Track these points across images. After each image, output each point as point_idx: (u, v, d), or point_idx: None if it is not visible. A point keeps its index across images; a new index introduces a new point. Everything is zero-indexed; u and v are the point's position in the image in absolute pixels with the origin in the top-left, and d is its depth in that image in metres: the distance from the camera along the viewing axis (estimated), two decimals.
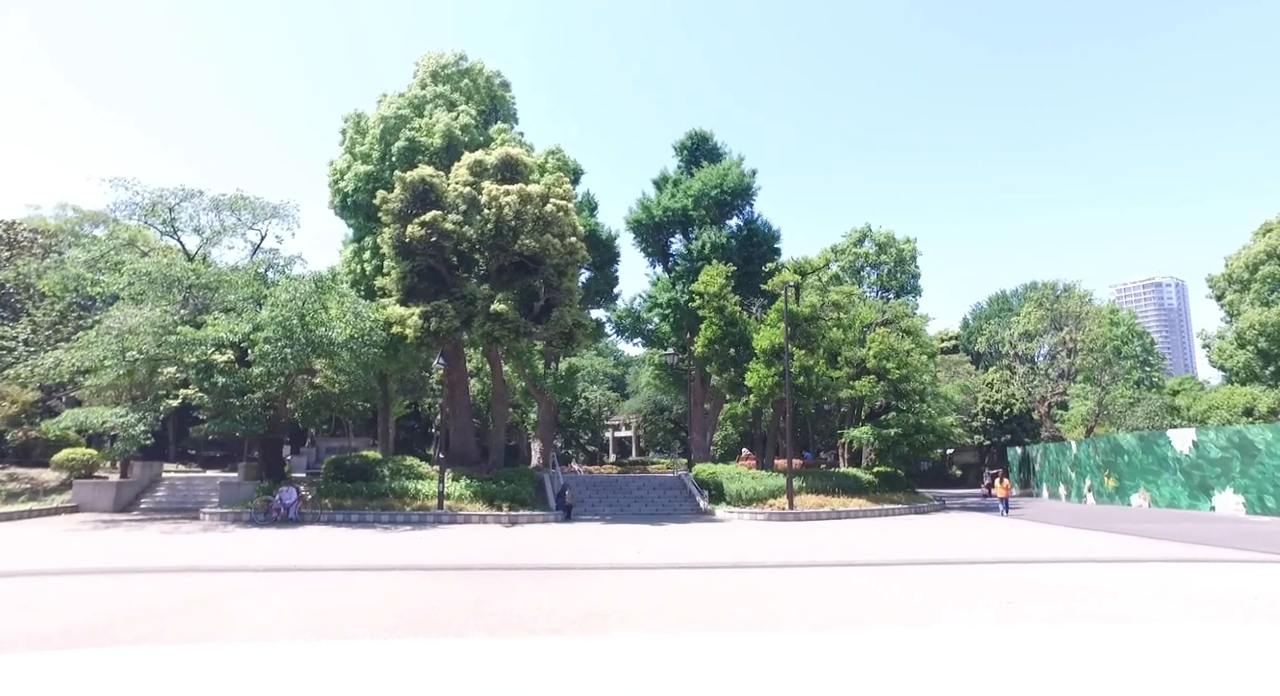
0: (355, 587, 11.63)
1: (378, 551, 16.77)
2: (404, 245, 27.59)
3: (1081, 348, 50.37)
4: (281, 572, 13.11)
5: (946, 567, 14.10)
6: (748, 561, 15.17)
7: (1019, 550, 17.02)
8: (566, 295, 27.67)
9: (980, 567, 14.04)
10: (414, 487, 27.13)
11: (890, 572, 13.39)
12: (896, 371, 34.19)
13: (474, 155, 28.07)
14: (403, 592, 11.14)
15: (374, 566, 14.03)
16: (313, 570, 13.47)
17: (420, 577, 12.78)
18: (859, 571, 13.60)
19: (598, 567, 14.13)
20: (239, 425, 23.10)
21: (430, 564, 14.50)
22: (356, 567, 13.86)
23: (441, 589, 11.48)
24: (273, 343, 22.11)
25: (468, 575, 13.04)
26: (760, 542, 19.19)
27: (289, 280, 24.54)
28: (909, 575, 13.06)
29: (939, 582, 12.16)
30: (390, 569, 13.72)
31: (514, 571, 13.63)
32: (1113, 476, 35.68)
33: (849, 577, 12.79)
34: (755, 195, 43.68)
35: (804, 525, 24.76)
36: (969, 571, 13.50)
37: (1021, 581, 12.14)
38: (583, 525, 24.37)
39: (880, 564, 14.75)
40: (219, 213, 28.14)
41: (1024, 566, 14.21)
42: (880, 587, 11.59)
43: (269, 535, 20.03)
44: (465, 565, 14.35)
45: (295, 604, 10.22)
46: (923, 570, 13.76)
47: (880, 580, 12.38)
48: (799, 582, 12.23)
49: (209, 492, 29.00)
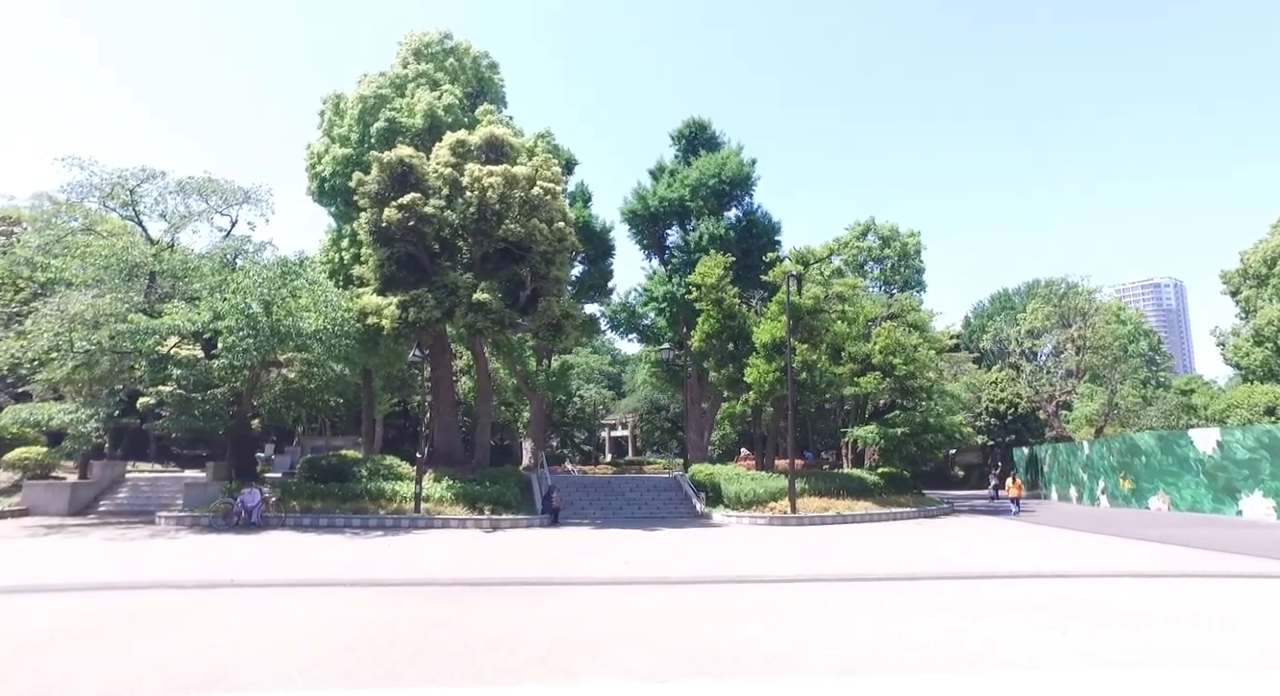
0: (287, 610, 9.90)
1: (335, 561, 15.04)
2: (381, 230, 25.85)
3: (1091, 345, 48.83)
4: (209, 590, 11.38)
5: (976, 583, 12.40)
6: (750, 574, 13.47)
7: (1048, 560, 15.33)
8: (554, 284, 25.93)
9: (1013, 583, 12.35)
10: (391, 489, 25.39)
11: (915, 590, 11.69)
12: (903, 367, 32.55)
13: (456, 135, 26.32)
14: (341, 616, 9.42)
15: (322, 581, 12.30)
16: (249, 586, 11.74)
17: (371, 596, 11.07)
18: (879, 588, 11.89)
19: (579, 582, 12.42)
20: (198, 422, 21.33)
21: (388, 578, 12.78)
22: (301, 583, 12.13)
23: (391, 610, 9.77)
24: (234, 332, 20.36)
25: (427, 592, 11.33)
26: (762, 551, 17.48)
27: (252, 264, 22.74)
28: (938, 592, 11.36)
29: (974, 602, 10.47)
30: (339, 584, 12.00)
31: (482, 588, 11.92)
32: (1129, 478, 34.03)
33: (871, 596, 11.08)
34: (755, 185, 42.10)
35: (808, 530, 23.07)
36: (1002, 588, 11.81)
37: (1066, 601, 10.45)
38: (570, 530, 22.67)
39: (901, 577, 13.04)
40: (185, 197, 26.32)
41: (1062, 582, 12.52)
42: (910, 609, 9.88)
43: (222, 542, 18.29)
44: (428, 579, 12.63)
45: (199, 635, 8.49)
46: (951, 586, 12.05)
47: (907, 599, 10.68)
48: (812, 602, 10.52)
49: (175, 494, 27.21)
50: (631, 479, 33.79)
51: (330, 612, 9.71)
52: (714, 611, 9.89)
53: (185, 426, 22.24)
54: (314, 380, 24.59)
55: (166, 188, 26.68)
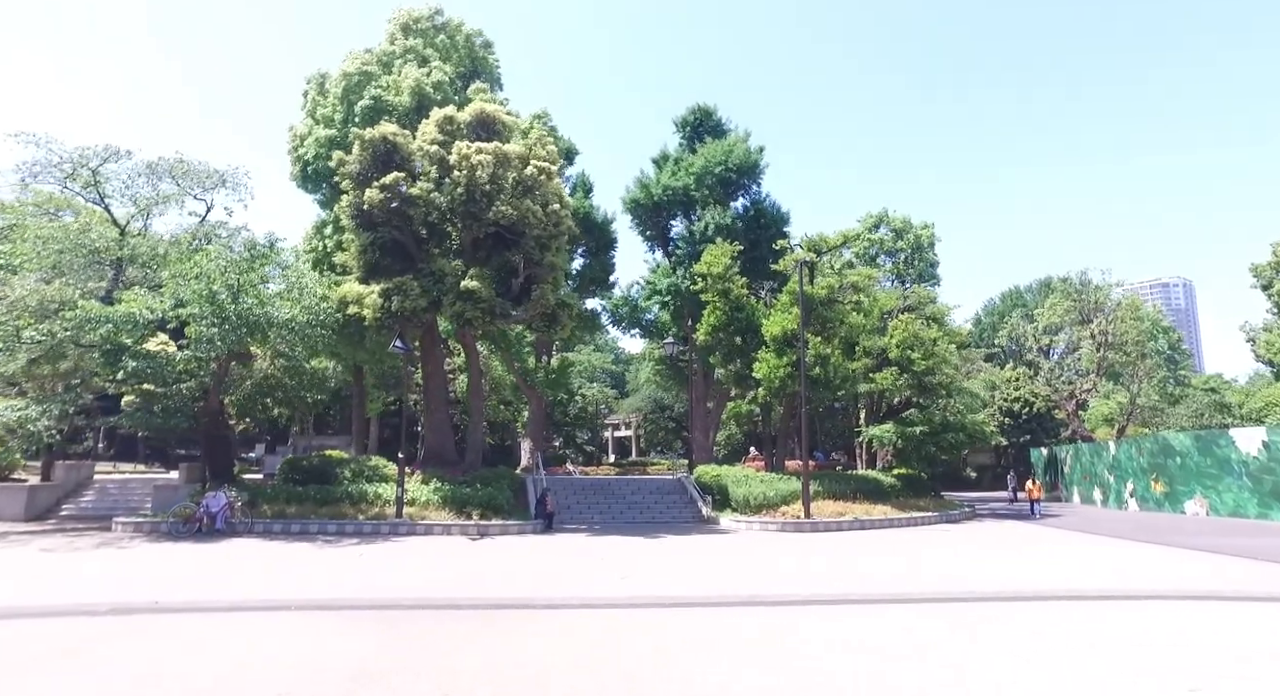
0: (199, 645, 8.04)
1: (291, 576, 13.21)
2: (363, 213, 24.04)
3: (1112, 341, 46.79)
4: (122, 617, 9.54)
5: (1034, 606, 10.49)
6: (765, 594, 11.58)
7: (1112, 577, 13.40)
8: (549, 271, 24.08)
9: (1078, 607, 10.43)
10: (374, 492, 23.59)
11: (964, 614, 9.77)
12: (922, 362, 30.57)
13: (444, 111, 24.49)
14: (257, 657, 7.54)
15: (263, 603, 10.46)
16: (172, 612, 9.90)
17: (316, 622, 9.23)
18: (920, 612, 9.99)
19: (563, 604, 10.56)
20: (157, 419, 19.54)
21: (342, 598, 10.94)
22: (237, 605, 10.29)
23: (330, 643, 7.94)
24: (198, 321, 18.57)
25: (382, 618, 9.49)
26: (776, 562, 15.59)
27: (218, 246, 20.91)
28: (993, 619, 9.45)
29: (1047, 635, 8.55)
30: (281, 607, 10.16)
31: (448, 612, 10.06)
32: (1161, 480, 32.00)
33: (914, 626, 9.17)
34: (763, 173, 40.16)
35: (824, 538, 21.17)
36: (1069, 613, 9.88)
37: (1182, 638, 8.56)
38: (565, 537, 20.81)
39: (943, 598, 11.11)
40: (156, 179, 24.59)
41: (1139, 605, 10.59)
42: (970, 645, 7.98)
43: (175, 553, 16.48)
44: (388, 600, 10.78)
45: (75, 684, 6.67)
46: (1006, 610, 10.13)
47: (958, 630, 8.77)
48: (844, 636, 8.62)
49: (145, 497, 25.44)
50: (633, 481, 31.96)
51: (246, 651, 7.86)
52: (723, 647, 8.01)
53: (144, 424, 20.47)
54: (290, 374, 22.78)
55: (136, 170, 24.93)
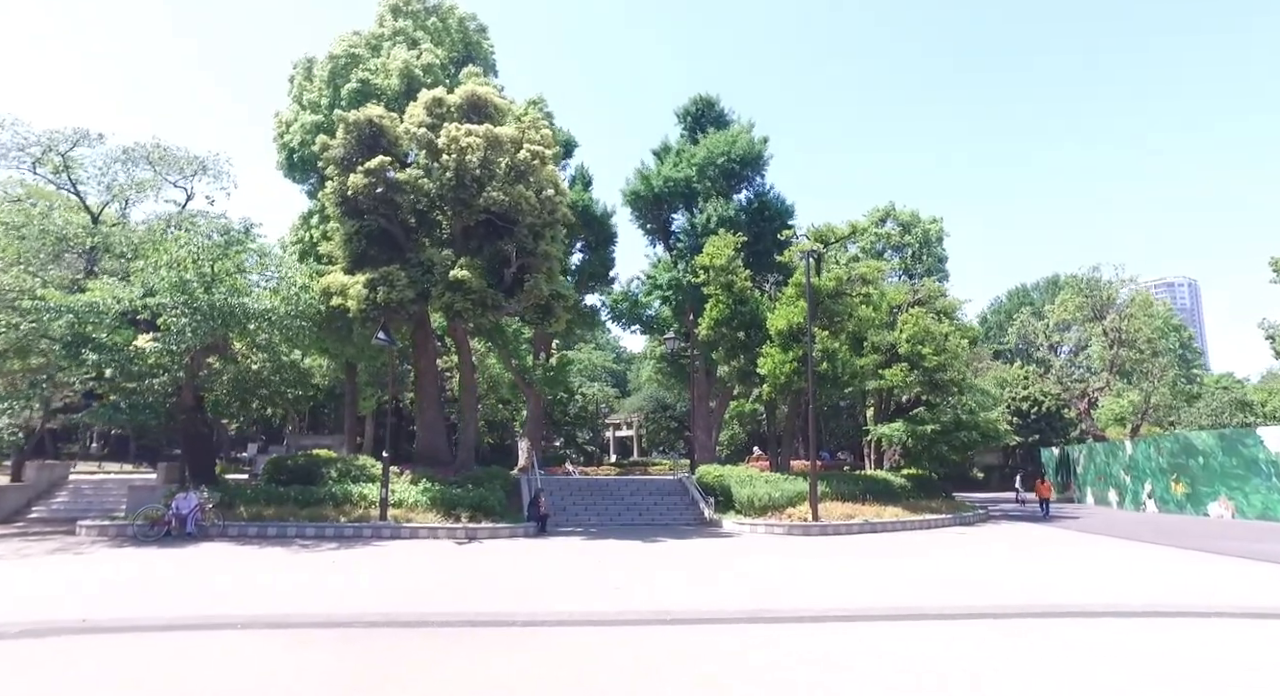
0: (116, 673, 6.86)
1: (252, 587, 12.02)
2: (348, 200, 22.87)
3: (1126, 338, 45.54)
4: (37, 639, 8.35)
5: (1083, 624, 9.24)
6: (773, 608, 10.36)
7: (1153, 587, 12.17)
8: (543, 260, 22.87)
9: (1132, 625, 9.21)
10: (359, 493, 22.41)
11: (1006, 632, 8.50)
12: (933, 358, 29.34)
13: (433, 92, 23.29)
14: (187, 689, 6.38)
15: (209, 621, 9.26)
16: (100, 632, 8.71)
17: (261, 644, 8.05)
18: (955, 630, 8.73)
19: (546, 622, 9.35)
20: (122, 415, 18.38)
21: (301, 614, 9.74)
22: (175, 624, 9.08)
23: (270, 669, 6.76)
24: (167, 311, 17.41)
25: (338, 638, 8.31)
26: (784, 569, 14.37)
27: (189, 231, 19.72)
28: (1043, 639, 8.22)
29: (1112, 661, 7.33)
30: (229, 625, 8.97)
31: (414, 629, 8.87)
32: (1182, 481, 30.73)
33: (950, 647, 7.94)
34: (767, 165, 38.94)
35: (833, 541, 19.93)
36: (1124, 632, 8.66)
37: (1235, 659, 7.34)
38: (559, 541, 19.60)
39: (978, 613, 9.84)
40: (132, 165, 23.44)
41: (1202, 623, 9.37)
42: (1027, 674, 6.76)
43: (135, 559, 15.30)
44: (350, 616, 9.57)
45: None
46: (1054, 629, 8.88)
47: (1003, 653, 7.53)
48: (869, 661, 7.40)
49: (121, 498, 24.30)
50: (633, 481, 30.76)
51: (164, 684, 6.68)
52: (728, 679, 6.81)
53: (109, 420, 19.32)
54: (274, 370, 21.61)
55: (111, 156, 23.76)
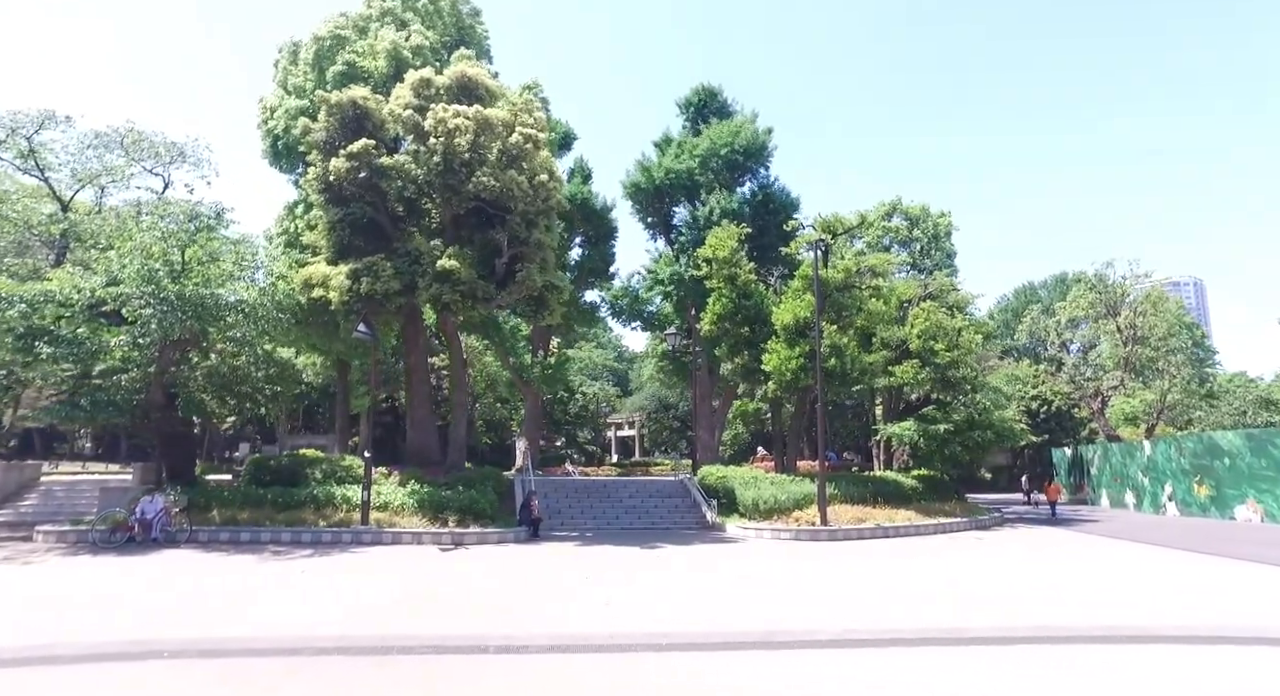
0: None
1: (202, 603, 10.81)
2: (331, 187, 21.69)
3: (1141, 335, 44.19)
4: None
5: (1155, 651, 7.99)
6: (787, 630, 9.12)
7: (1217, 607, 10.91)
8: (536, 250, 21.65)
9: (1215, 653, 7.96)
10: (342, 495, 21.24)
11: (1080, 668, 7.27)
12: (945, 354, 28.06)
13: (421, 73, 22.09)
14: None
15: (135, 649, 8.02)
16: (8, 665, 7.52)
17: (185, 678, 6.84)
18: (1012, 659, 7.48)
19: (523, 647, 8.10)
20: (81, 413, 17.20)
21: (242, 637, 8.52)
22: (97, 653, 7.85)
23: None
24: (130, 301, 16.24)
25: (281, 669, 7.10)
26: (795, 580, 13.13)
27: (155, 215, 18.52)
28: (1123, 675, 6.98)
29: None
30: (155, 653, 7.74)
31: (369, 658, 7.64)
32: (1206, 483, 29.43)
33: (1014, 685, 6.69)
34: (771, 156, 37.73)
35: (845, 548, 18.67)
36: (1215, 662, 7.42)
37: None
38: (550, 547, 18.38)
39: (1031, 636, 8.52)
40: (105, 151, 22.28)
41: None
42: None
43: (87, 570, 14.10)
44: (299, 639, 8.34)
45: None
46: (1126, 658, 7.63)
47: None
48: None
49: (95, 501, 23.14)
50: (633, 482, 29.54)
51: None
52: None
53: (66, 418, 18.16)
54: (249, 365, 20.41)
55: (84, 141, 22.59)
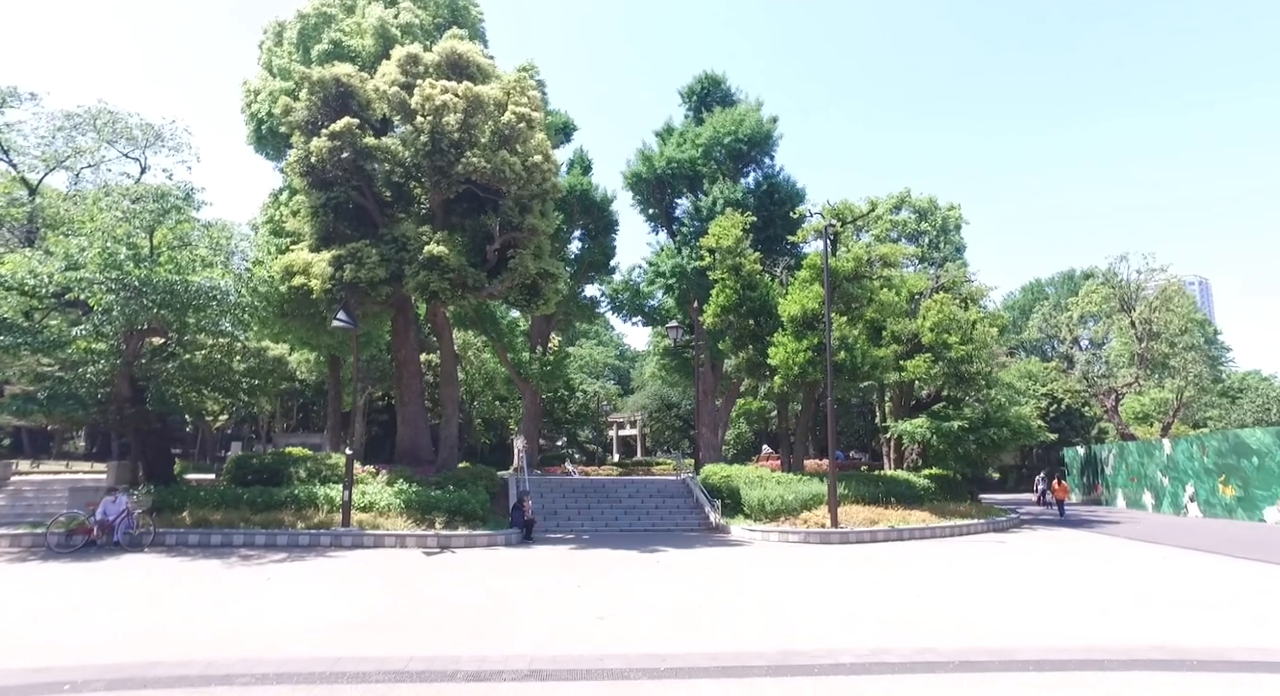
0: None
1: (139, 621, 9.65)
2: (314, 169, 20.48)
3: (1157, 331, 42.90)
4: None
5: (1236, 680, 6.78)
6: (803, 650, 7.90)
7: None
8: (530, 236, 20.44)
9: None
10: (324, 495, 20.06)
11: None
12: (960, 348, 26.84)
13: (408, 49, 20.89)
14: None
15: (38, 680, 6.88)
16: None
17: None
18: (1075, 687, 6.29)
19: (497, 673, 6.89)
20: (33, 407, 16.03)
21: (172, 662, 7.33)
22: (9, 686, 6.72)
23: None
24: (89, 286, 15.07)
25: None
26: (808, 589, 11.92)
27: (118, 193, 17.29)
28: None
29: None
30: (56, 687, 6.58)
31: (316, 688, 6.46)
32: (1232, 483, 28.15)
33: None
34: (776, 146, 36.59)
35: (858, 552, 17.44)
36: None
37: None
38: (543, 550, 17.18)
39: (1095, 659, 7.31)
40: (77, 134, 21.13)
41: None
42: None
43: (25, 577, 12.93)
44: (234, 664, 7.16)
45: None
46: (1208, 688, 6.43)
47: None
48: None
49: (66, 501, 22.03)
50: (633, 482, 28.32)
51: None
52: None
53: (19, 412, 16.97)
54: (225, 357, 19.23)
55: (54, 123, 21.44)
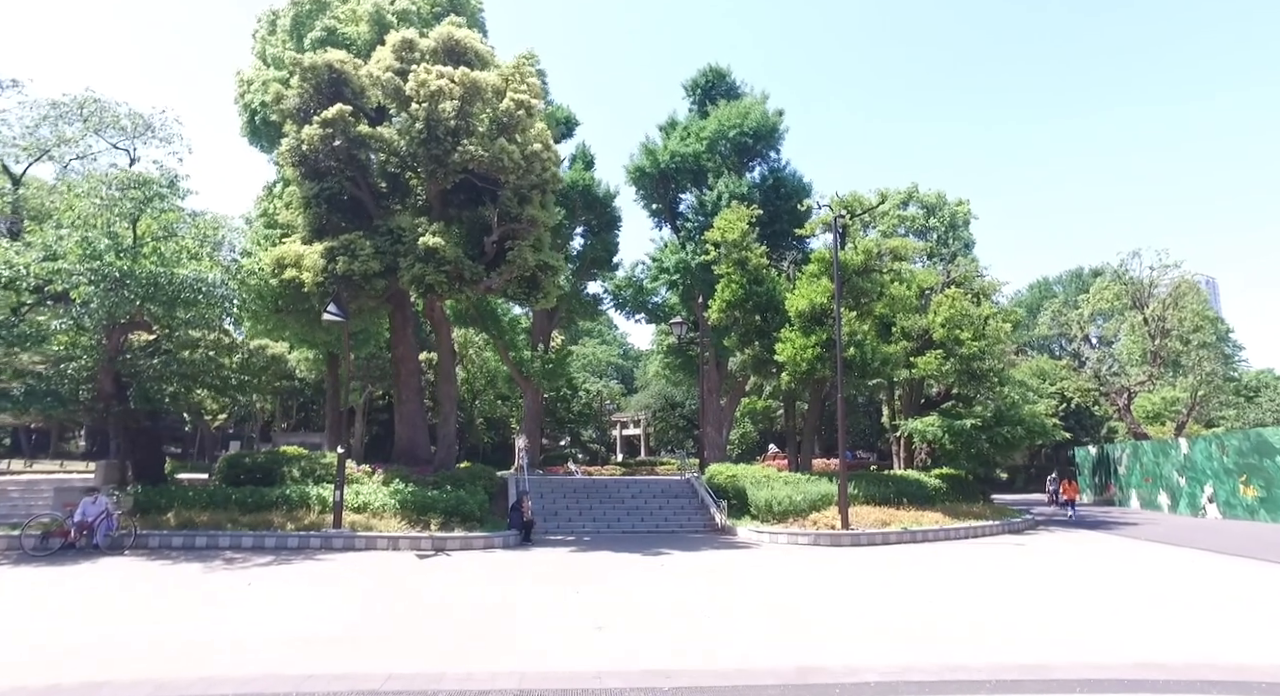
0: None
1: (98, 633, 8.99)
2: (306, 158, 19.83)
3: (1170, 328, 42.05)
4: None
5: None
6: (821, 666, 7.17)
7: None
8: (529, 227, 19.74)
9: None
10: (316, 495, 19.41)
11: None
12: (972, 344, 26.06)
13: (403, 34, 20.23)
14: None
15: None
16: None
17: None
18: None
19: (481, 694, 6.21)
20: (13, 404, 15.38)
21: (128, 682, 6.67)
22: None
23: None
24: (67, 278, 14.43)
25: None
26: (821, 596, 11.19)
27: (96, 179, 16.61)
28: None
29: None
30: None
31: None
32: (1253, 484, 27.32)
33: None
34: (782, 139, 35.84)
35: (871, 555, 16.69)
36: None
37: None
38: (542, 553, 16.48)
39: (1146, 678, 6.59)
40: (63, 123, 20.50)
41: None
42: None
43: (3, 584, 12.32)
44: (192, 688, 6.49)
45: None
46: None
47: None
48: None
49: (51, 502, 21.42)
50: (636, 482, 27.64)
51: None
52: None
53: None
54: (213, 351, 18.57)
55: (39, 113, 20.83)
